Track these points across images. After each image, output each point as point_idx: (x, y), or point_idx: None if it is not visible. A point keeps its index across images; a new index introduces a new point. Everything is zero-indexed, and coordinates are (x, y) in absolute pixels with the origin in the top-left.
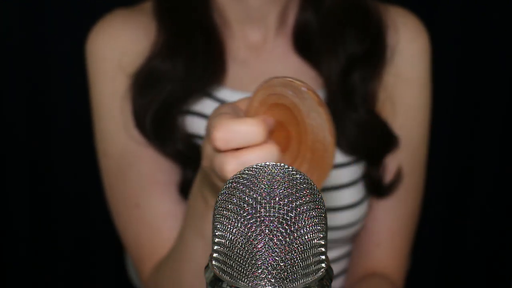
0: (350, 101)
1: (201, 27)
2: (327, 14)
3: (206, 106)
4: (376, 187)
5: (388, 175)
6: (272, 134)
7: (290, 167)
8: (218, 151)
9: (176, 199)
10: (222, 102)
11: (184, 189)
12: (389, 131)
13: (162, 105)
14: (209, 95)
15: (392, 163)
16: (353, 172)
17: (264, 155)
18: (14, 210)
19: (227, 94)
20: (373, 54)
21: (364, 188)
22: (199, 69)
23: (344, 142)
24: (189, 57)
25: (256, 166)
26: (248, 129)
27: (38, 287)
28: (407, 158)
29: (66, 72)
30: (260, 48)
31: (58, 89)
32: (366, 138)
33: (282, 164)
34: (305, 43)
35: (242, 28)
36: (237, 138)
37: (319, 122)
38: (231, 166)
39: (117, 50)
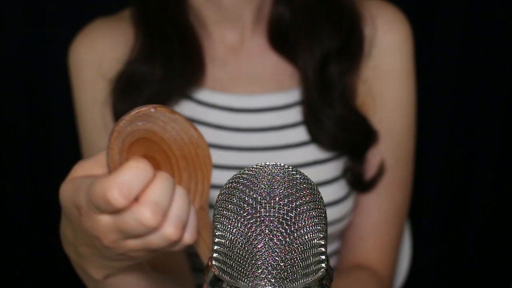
0: (328, 96)
1: (177, 30)
2: (299, 7)
3: (187, 108)
4: (357, 182)
5: (371, 169)
6: None
7: (290, 167)
8: (120, 211)
9: None
10: (202, 103)
11: None
12: (368, 126)
13: None
14: (189, 97)
15: (374, 157)
16: (335, 168)
17: (163, 184)
18: (14, 210)
19: (207, 95)
20: (349, 48)
21: (347, 184)
22: (177, 71)
23: (324, 138)
24: (166, 60)
25: (256, 166)
26: (134, 172)
27: (38, 287)
28: (390, 151)
29: (66, 72)
30: (238, 48)
31: (58, 89)
32: (346, 134)
33: (282, 164)
34: (281, 39)
35: (218, 28)
36: (134, 184)
37: (179, 127)
38: (147, 213)
39: (97, 57)
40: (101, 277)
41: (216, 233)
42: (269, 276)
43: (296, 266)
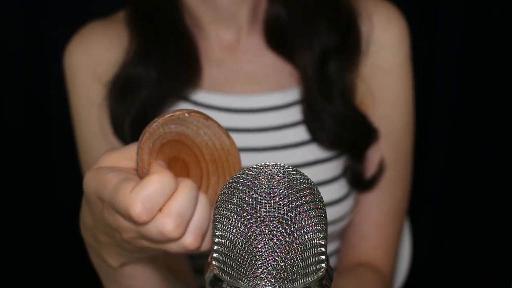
0: (327, 94)
1: (172, 31)
2: (295, 5)
3: None
4: (358, 181)
5: (371, 168)
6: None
7: (290, 167)
8: (144, 223)
9: None
10: (199, 105)
11: None
12: (368, 124)
13: (139, 111)
14: (186, 99)
15: (374, 155)
16: (335, 167)
17: (187, 195)
18: (14, 210)
19: (203, 96)
20: (347, 45)
21: (347, 183)
22: (173, 73)
23: (324, 137)
24: (161, 61)
25: (256, 166)
26: (157, 185)
27: (38, 286)
28: (389, 149)
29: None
30: (234, 48)
31: (58, 89)
32: (346, 132)
33: (282, 164)
34: (278, 38)
35: (214, 28)
36: (157, 199)
37: (212, 133)
38: (170, 225)
39: (92, 61)
40: (117, 265)
41: (216, 233)
42: (269, 276)
43: (296, 266)
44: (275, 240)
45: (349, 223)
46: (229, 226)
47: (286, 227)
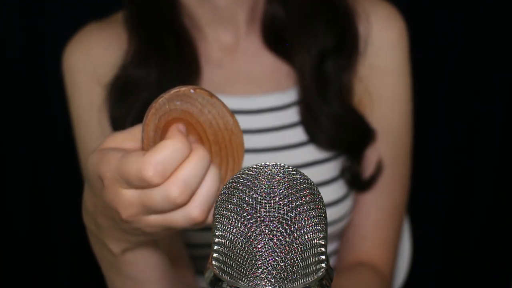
0: (325, 95)
1: (171, 32)
2: (293, 5)
3: None
4: (356, 181)
5: (370, 168)
6: None
7: (290, 167)
8: (155, 185)
9: None
10: None
11: None
12: (366, 124)
13: (139, 112)
14: None
15: (372, 156)
16: (333, 168)
17: (196, 164)
18: (14, 211)
19: None
20: (345, 46)
21: (346, 183)
22: (172, 74)
23: (322, 137)
24: (161, 62)
25: (256, 166)
26: (170, 151)
27: (38, 286)
28: (388, 149)
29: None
30: (233, 48)
31: (58, 89)
32: (343, 132)
33: (282, 164)
34: (276, 39)
35: (213, 29)
36: (169, 163)
37: (216, 112)
38: (176, 191)
39: (91, 63)
40: (118, 251)
41: (216, 233)
42: (269, 276)
43: (296, 266)
44: (275, 240)
45: (348, 223)
46: (229, 226)
47: (286, 227)
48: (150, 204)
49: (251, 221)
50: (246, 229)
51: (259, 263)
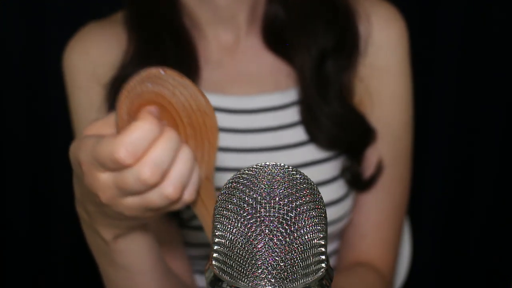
0: (325, 95)
1: (170, 32)
2: (293, 6)
3: None
4: (356, 181)
5: (370, 168)
6: None
7: (290, 167)
8: (121, 168)
9: None
10: None
11: None
12: (366, 124)
13: None
14: None
15: (373, 156)
16: (333, 167)
17: (166, 144)
18: (14, 211)
19: None
20: (345, 45)
21: (346, 183)
22: None
23: (322, 137)
24: (160, 62)
25: (256, 166)
26: (141, 132)
27: (38, 286)
28: (388, 149)
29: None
30: (233, 48)
31: (58, 90)
32: (343, 132)
33: (282, 164)
34: (276, 39)
35: (213, 29)
36: (140, 144)
37: (188, 93)
38: (147, 172)
39: (91, 62)
40: (110, 238)
41: (216, 233)
42: (269, 276)
43: (296, 266)
44: (275, 240)
45: (349, 223)
46: (229, 226)
47: (286, 227)
48: (124, 185)
49: (251, 221)
50: (246, 229)
51: (259, 263)
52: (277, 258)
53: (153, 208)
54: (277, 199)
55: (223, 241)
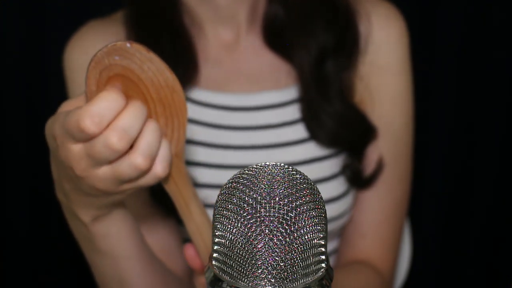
0: (325, 93)
1: (169, 30)
2: (294, 5)
3: None
4: (356, 179)
5: (370, 166)
6: None
7: (290, 167)
8: (92, 137)
9: (148, 202)
10: (198, 103)
11: (154, 192)
12: (367, 122)
13: None
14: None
15: (373, 153)
16: (334, 165)
17: (133, 112)
18: (14, 211)
19: (202, 94)
20: (345, 44)
21: (346, 181)
22: None
23: (322, 134)
24: None
25: (256, 166)
26: (106, 101)
27: (38, 286)
28: (389, 148)
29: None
30: (233, 47)
31: (58, 89)
32: (344, 130)
33: (282, 164)
34: (276, 37)
35: (213, 27)
36: (105, 113)
37: (155, 68)
38: (114, 138)
39: None
40: (88, 219)
41: (216, 233)
42: (269, 276)
43: (296, 266)
44: (275, 240)
45: (349, 221)
46: (229, 226)
47: (286, 227)
48: (94, 154)
49: (251, 221)
50: (246, 229)
51: (259, 263)
52: (277, 258)
53: (124, 179)
54: (277, 199)
55: (223, 241)
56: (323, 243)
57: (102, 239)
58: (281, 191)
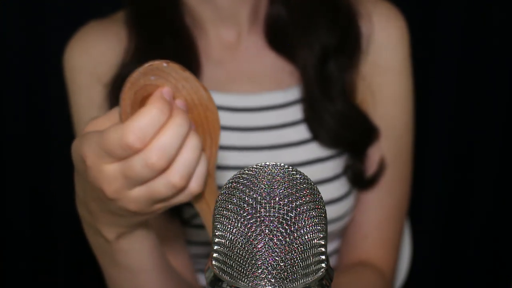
0: (328, 93)
1: (171, 30)
2: (295, 5)
3: None
4: (358, 179)
5: (372, 166)
6: None
7: (290, 167)
8: (128, 156)
9: None
10: None
11: None
12: (369, 122)
13: None
14: None
15: (375, 154)
16: (336, 165)
17: (173, 130)
18: (14, 211)
19: None
20: (347, 44)
21: (348, 181)
22: None
23: (324, 135)
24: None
25: (256, 166)
26: (148, 118)
27: (38, 286)
28: (390, 148)
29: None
30: (235, 47)
31: (58, 89)
32: (346, 130)
33: (282, 164)
34: (278, 38)
35: (215, 28)
36: (148, 129)
37: (190, 87)
38: (154, 156)
39: (92, 61)
40: (113, 237)
41: (216, 233)
42: (269, 276)
43: (296, 266)
44: (275, 240)
45: (350, 222)
46: (229, 226)
47: (286, 227)
48: (131, 173)
49: (251, 221)
50: (246, 229)
51: (259, 263)
52: (277, 258)
53: (159, 199)
54: (277, 199)
55: (223, 241)
56: (323, 243)
57: (124, 254)
58: (281, 191)
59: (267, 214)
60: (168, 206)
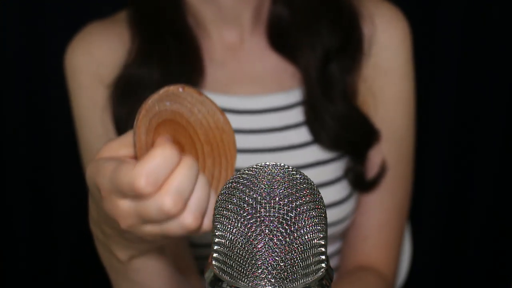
0: (329, 95)
1: (174, 31)
2: (298, 6)
3: None
4: (359, 182)
5: (373, 169)
6: None
7: (290, 167)
8: (147, 196)
9: None
10: None
11: None
12: (370, 125)
13: None
14: None
15: (376, 156)
16: (337, 168)
17: (187, 172)
18: (14, 211)
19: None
20: (349, 46)
21: (349, 184)
22: (175, 74)
23: (326, 137)
24: (164, 62)
25: (256, 166)
26: (160, 160)
27: (38, 286)
28: (391, 150)
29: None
30: (237, 48)
31: (58, 89)
32: (347, 133)
33: (282, 164)
34: (281, 39)
35: (217, 29)
36: (160, 172)
37: (206, 110)
38: (169, 201)
39: (94, 62)
40: (125, 258)
41: (216, 233)
42: (269, 276)
43: (296, 266)
44: (275, 240)
45: (351, 224)
46: (229, 226)
47: (286, 227)
48: (145, 215)
49: (251, 221)
50: (246, 229)
51: (259, 263)
52: (277, 258)
53: (172, 237)
54: (277, 199)
55: (223, 241)
56: (323, 243)
57: (136, 272)
58: (281, 191)
59: (267, 214)
60: (181, 238)
